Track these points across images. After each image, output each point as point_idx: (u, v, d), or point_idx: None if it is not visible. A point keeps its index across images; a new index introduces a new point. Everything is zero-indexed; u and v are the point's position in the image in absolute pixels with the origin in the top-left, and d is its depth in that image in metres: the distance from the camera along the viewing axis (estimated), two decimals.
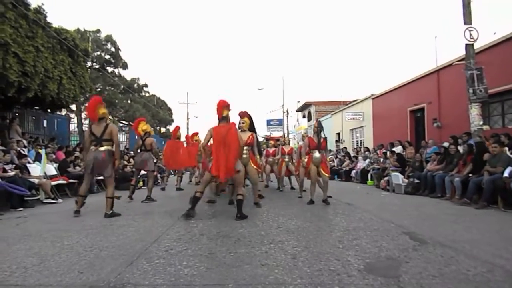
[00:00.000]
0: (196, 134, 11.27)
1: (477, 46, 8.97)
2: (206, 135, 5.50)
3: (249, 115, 6.57)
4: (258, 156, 6.67)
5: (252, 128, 6.55)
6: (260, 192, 7.13)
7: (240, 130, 6.17)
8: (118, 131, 5.91)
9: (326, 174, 6.74)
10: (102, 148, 5.56)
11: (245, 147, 6.11)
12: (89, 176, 5.80)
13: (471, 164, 7.30)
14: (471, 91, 8.19)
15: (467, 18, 8.46)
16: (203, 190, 5.50)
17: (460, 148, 8.49)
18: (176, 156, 9.11)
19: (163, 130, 39.04)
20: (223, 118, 5.50)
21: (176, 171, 11.55)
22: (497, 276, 2.73)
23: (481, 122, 8.31)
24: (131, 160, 12.58)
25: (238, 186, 5.48)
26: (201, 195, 5.44)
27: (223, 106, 5.52)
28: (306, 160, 6.94)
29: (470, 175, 7.14)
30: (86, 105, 5.67)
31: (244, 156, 6.13)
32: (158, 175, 12.63)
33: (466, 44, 8.46)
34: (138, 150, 7.86)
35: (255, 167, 6.35)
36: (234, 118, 6.04)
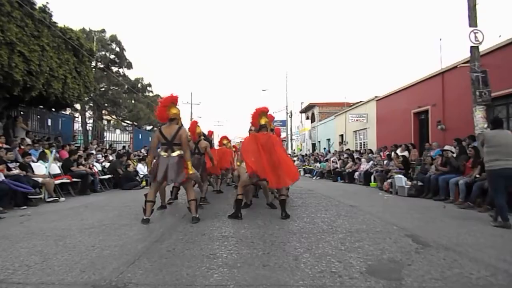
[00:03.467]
0: (224, 137, 10.46)
1: (482, 48, 8.92)
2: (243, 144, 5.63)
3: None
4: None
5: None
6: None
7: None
8: (187, 136, 5.36)
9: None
10: (174, 154, 5.07)
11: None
12: (159, 183, 5.19)
13: (479, 167, 7.24)
14: (477, 93, 8.14)
15: (472, 20, 8.41)
16: (243, 192, 5.53)
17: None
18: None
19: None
20: (262, 127, 5.46)
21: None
22: (500, 280, 2.71)
23: (486, 125, 8.23)
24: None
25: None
26: (242, 197, 5.47)
27: (259, 114, 5.50)
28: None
29: (478, 176, 7.08)
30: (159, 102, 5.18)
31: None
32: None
33: (471, 47, 8.41)
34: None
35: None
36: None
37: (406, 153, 11.73)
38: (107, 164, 11.95)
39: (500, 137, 5.13)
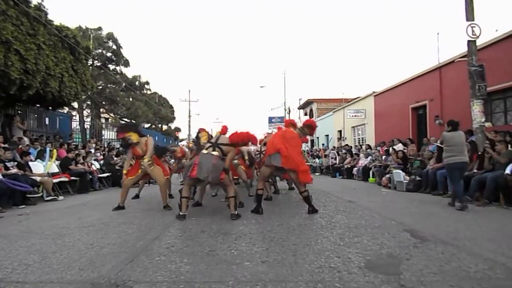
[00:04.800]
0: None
1: (480, 42, 8.91)
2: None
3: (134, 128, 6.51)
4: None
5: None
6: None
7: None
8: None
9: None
10: (215, 153, 5.20)
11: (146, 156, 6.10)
12: (194, 180, 5.18)
13: (477, 160, 7.28)
14: (476, 87, 8.15)
15: (470, 14, 8.40)
16: (263, 187, 5.75)
17: None
18: None
19: (165, 127, 39.11)
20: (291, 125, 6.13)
21: None
22: (498, 273, 2.72)
23: (483, 119, 8.25)
24: None
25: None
26: (262, 191, 5.69)
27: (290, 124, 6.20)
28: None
29: (476, 170, 7.16)
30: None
31: (149, 163, 6.08)
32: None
33: (468, 41, 8.40)
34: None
35: (161, 169, 6.37)
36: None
37: (400, 145, 11.75)
38: None
39: (456, 138, 6.20)
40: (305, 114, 35.44)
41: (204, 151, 5.26)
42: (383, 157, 12.00)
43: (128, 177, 6.18)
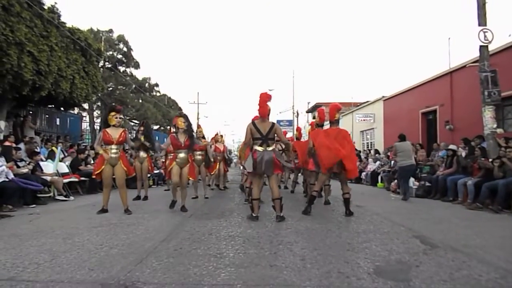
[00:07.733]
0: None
1: (492, 47, 8.82)
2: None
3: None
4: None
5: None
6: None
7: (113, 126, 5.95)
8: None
9: (190, 177, 6.38)
10: (270, 148, 5.26)
11: (115, 146, 5.86)
12: (260, 177, 5.44)
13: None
14: (486, 93, 8.05)
15: (482, 19, 8.31)
16: (319, 189, 6.08)
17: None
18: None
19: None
20: (335, 121, 5.93)
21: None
22: (510, 282, 2.68)
23: (495, 125, 8.15)
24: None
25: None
26: (317, 193, 6.02)
27: (336, 110, 5.95)
28: (168, 160, 6.90)
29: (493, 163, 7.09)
30: (259, 98, 5.21)
31: (113, 155, 5.85)
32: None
33: (481, 46, 8.31)
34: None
35: (125, 168, 5.98)
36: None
37: None
38: None
39: (404, 146, 8.24)
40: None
41: (259, 148, 5.23)
42: (392, 162, 11.90)
43: (95, 175, 6.07)
